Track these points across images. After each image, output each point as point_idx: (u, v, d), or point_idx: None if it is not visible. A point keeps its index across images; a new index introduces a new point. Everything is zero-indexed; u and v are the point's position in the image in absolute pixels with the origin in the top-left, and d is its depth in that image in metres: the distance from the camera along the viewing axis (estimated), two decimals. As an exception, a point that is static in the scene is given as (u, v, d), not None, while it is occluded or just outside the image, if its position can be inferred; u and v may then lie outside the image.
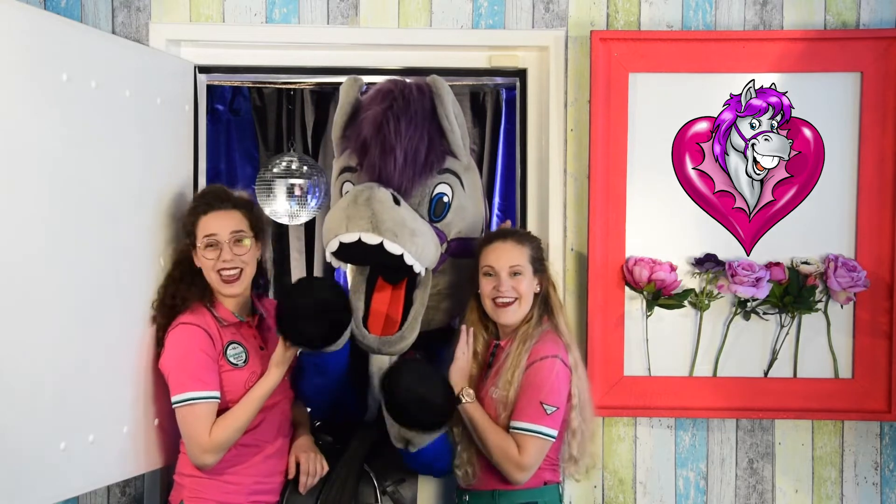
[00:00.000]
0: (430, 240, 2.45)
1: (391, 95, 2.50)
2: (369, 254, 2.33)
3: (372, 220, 2.29)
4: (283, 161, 4.27)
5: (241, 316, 2.54)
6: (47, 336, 2.26)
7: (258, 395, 2.43)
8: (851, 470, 2.91)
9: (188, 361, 2.42)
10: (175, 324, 2.47)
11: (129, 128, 2.53)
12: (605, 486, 2.90)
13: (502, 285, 2.45)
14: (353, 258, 2.42)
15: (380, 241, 2.30)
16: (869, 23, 2.86)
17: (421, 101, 2.50)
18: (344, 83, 2.61)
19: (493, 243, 2.50)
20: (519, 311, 2.47)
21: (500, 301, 2.46)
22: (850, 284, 2.76)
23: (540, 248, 2.56)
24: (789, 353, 2.84)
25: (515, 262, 2.46)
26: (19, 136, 2.18)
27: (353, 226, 2.30)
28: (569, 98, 2.87)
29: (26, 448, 2.21)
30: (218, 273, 2.47)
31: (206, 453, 2.39)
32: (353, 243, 2.31)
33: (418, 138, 2.46)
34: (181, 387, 2.41)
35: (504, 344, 2.50)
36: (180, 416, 2.41)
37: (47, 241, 2.26)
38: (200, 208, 2.51)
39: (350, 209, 2.32)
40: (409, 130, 2.45)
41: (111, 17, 2.81)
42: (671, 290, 2.79)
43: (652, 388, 2.84)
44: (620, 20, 2.86)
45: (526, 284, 2.47)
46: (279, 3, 2.86)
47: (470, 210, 2.66)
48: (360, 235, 2.30)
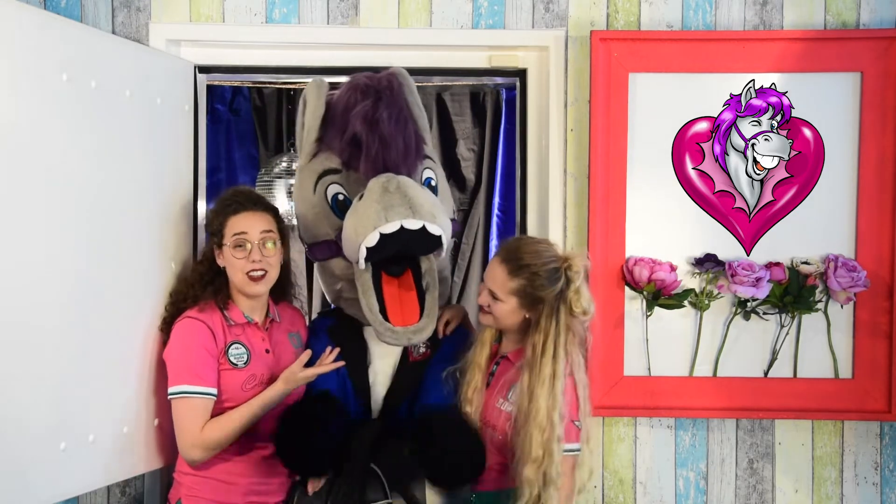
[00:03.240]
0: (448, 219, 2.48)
1: (373, 90, 2.50)
2: (410, 241, 2.31)
3: (411, 206, 2.28)
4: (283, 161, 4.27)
5: (251, 317, 2.54)
6: (47, 336, 2.27)
7: (258, 404, 2.43)
8: (851, 470, 2.91)
9: (187, 356, 2.43)
10: (181, 317, 2.49)
11: (130, 128, 2.53)
12: (605, 486, 2.90)
13: (481, 297, 2.48)
14: (388, 250, 2.36)
15: (421, 225, 2.29)
16: (869, 23, 2.86)
17: (399, 91, 2.54)
18: (310, 86, 2.60)
19: (495, 258, 2.49)
20: (493, 321, 2.47)
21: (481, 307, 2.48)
22: (850, 284, 2.76)
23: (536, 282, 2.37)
24: (789, 353, 2.84)
25: (494, 288, 2.43)
26: (19, 136, 2.18)
27: (392, 215, 2.27)
28: (569, 98, 2.87)
29: (26, 448, 2.21)
30: (245, 273, 2.47)
31: (195, 448, 2.39)
32: (395, 233, 2.28)
33: (411, 126, 2.52)
34: (177, 379, 2.42)
35: (512, 357, 2.48)
36: (174, 408, 2.42)
37: (47, 240, 2.26)
38: (231, 208, 2.51)
39: (385, 199, 2.29)
40: (402, 120, 2.49)
41: (111, 17, 2.81)
42: (671, 290, 2.79)
43: (652, 388, 2.84)
44: (620, 20, 2.86)
45: (501, 310, 2.42)
46: (279, 3, 2.86)
47: (446, 193, 2.70)
48: (401, 223, 2.28)
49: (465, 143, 4.52)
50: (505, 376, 2.47)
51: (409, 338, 2.43)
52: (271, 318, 2.59)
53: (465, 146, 4.52)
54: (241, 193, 2.57)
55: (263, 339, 2.54)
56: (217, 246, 2.52)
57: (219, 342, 2.46)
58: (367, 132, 2.44)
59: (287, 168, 4.22)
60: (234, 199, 2.53)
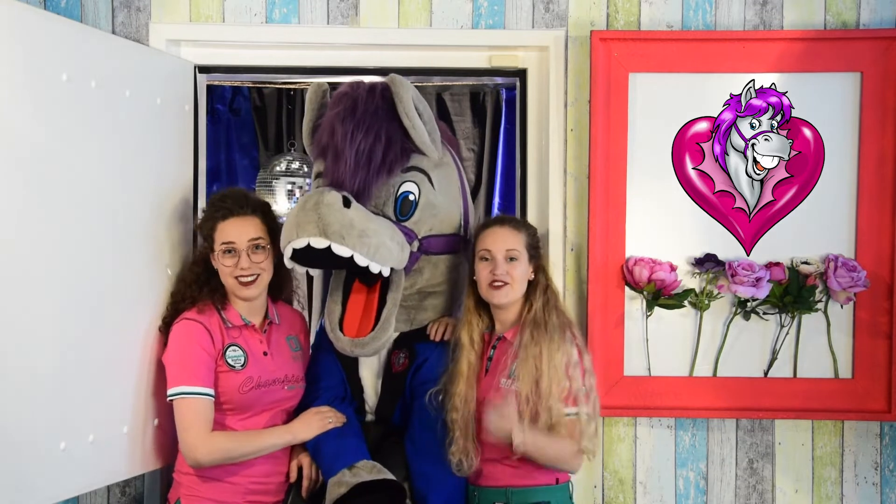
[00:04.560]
0: (386, 239, 2.43)
1: (342, 100, 2.51)
2: (321, 258, 2.36)
3: (318, 225, 2.31)
4: (283, 161, 4.27)
5: (249, 319, 2.54)
6: (48, 336, 2.27)
7: (270, 443, 2.48)
8: (851, 470, 2.91)
9: (185, 357, 2.43)
10: (179, 319, 2.49)
11: (129, 128, 2.53)
12: (605, 486, 2.90)
13: (498, 268, 2.46)
14: (308, 262, 2.45)
15: (327, 245, 2.32)
16: (869, 23, 2.86)
17: (371, 101, 2.49)
18: (309, 89, 2.64)
19: (490, 228, 2.53)
20: (511, 294, 2.48)
21: (496, 283, 2.47)
22: (850, 284, 2.76)
23: (536, 235, 2.59)
24: (789, 353, 2.84)
25: (512, 246, 2.48)
26: (19, 136, 2.18)
27: (301, 231, 2.33)
28: (569, 98, 2.87)
29: (26, 448, 2.21)
30: (235, 278, 2.48)
31: (200, 448, 2.39)
32: (304, 248, 2.34)
33: (372, 139, 2.45)
34: (175, 380, 2.42)
35: (509, 336, 2.50)
36: (176, 409, 2.42)
37: (46, 240, 2.26)
38: (220, 213, 2.51)
39: (300, 216, 2.35)
40: (360, 133, 2.44)
41: (111, 17, 2.81)
42: (671, 290, 2.79)
43: (652, 388, 2.84)
44: (620, 20, 2.86)
45: (520, 270, 2.49)
46: (279, 3, 2.86)
47: (442, 207, 2.63)
48: (308, 241, 2.32)
49: (465, 144, 4.52)
50: (505, 356, 2.47)
51: (352, 349, 2.46)
52: (270, 320, 2.59)
53: (465, 146, 4.52)
54: (228, 198, 2.55)
55: (261, 342, 2.54)
56: (210, 250, 2.53)
57: (216, 344, 2.46)
58: (328, 143, 2.48)
59: (287, 168, 4.22)
60: (222, 205, 2.52)
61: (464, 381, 2.48)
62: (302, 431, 2.52)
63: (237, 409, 2.48)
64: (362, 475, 2.39)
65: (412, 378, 2.58)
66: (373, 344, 2.45)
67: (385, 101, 2.50)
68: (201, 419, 2.39)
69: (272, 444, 2.48)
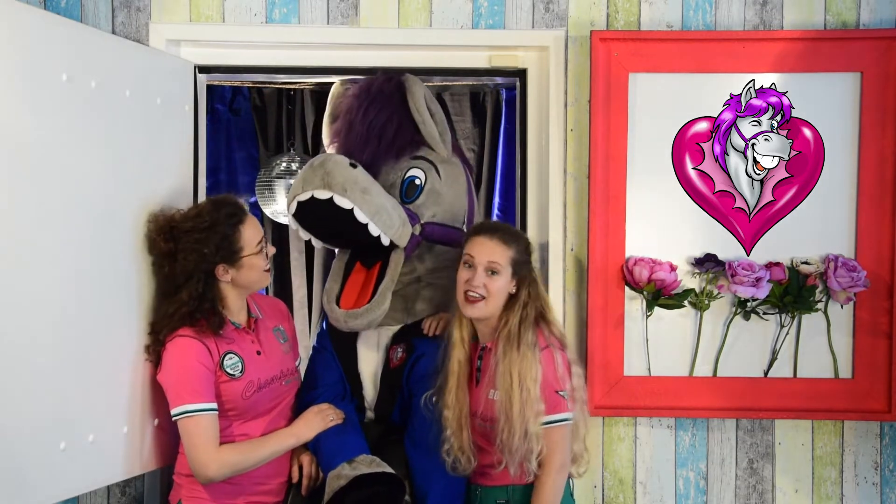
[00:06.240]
0: (388, 205, 2.51)
1: (361, 88, 2.69)
2: (324, 216, 2.44)
3: (324, 179, 2.43)
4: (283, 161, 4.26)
5: (238, 321, 2.53)
6: (47, 336, 2.26)
7: (275, 449, 2.50)
8: (851, 470, 2.91)
9: (185, 374, 2.41)
10: (172, 336, 2.45)
11: (129, 128, 2.52)
12: (605, 486, 2.90)
13: (475, 279, 2.44)
14: (310, 222, 2.53)
15: (330, 196, 2.41)
16: (869, 23, 2.86)
17: (387, 86, 2.66)
18: (333, 87, 2.84)
19: (480, 235, 2.50)
20: (485, 309, 2.46)
21: (470, 295, 2.45)
22: (850, 284, 2.76)
23: (527, 250, 2.53)
24: (789, 353, 2.84)
25: (495, 259, 2.44)
26: (19, 135, 2.17)
27: (307, 185, 2.44)
28: (569, 98, 2.87)
29: (26, 448, 2.21)
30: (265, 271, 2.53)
31: (210, 465, 2.38)
32: (308, 201, 2.43)
33: (385, 118, 2.61)
34: (179, 399, 2.40)
35: (491, 345, 2.50)
36: (182, 429, 2.41)
37: (46, 240, 2.26)
38: (237, 217, 2.48)
39: (306, 172, 2.48)
40: (373, 109, 2.61)
41: (111, 17, 2.81)
42: (671, 290, 2.79)
43: (652, 388, 2.84)
44: (620, 20, 2.86)
45: (499, 284, 2.45)
46: (279, 3, 2.86)
47: (446, 197, 2.70)
48: (312, 193, 2.42)
49: (465, 143, 4.51)
50: (490, 367, 2.47)
51: (346, 320, 2.51)
52: (255, 316, 2.59)
53: (465, 146, 4.51)
54: (233, 203, 2.52)
55: (253, 342, 2.55)
56: (225, 261, 2.44)
57: (214, 356, 2.45)
58: (343, 119, 2.66)
59: (287, 168, 4.22)
60: (237, 208, 2.49)
61: (454, 379, 2.48)
62: (304, 432, 2.53)
63: (242, 414, 2.49)
64: (361, 468, 2.40)
65: (409, 372, 2.59)
66: (367, 315, 2.49)
67: (400, 92, 2.66)
68: (209, 435, 2.39)
69: (278, 449, 2.50)
